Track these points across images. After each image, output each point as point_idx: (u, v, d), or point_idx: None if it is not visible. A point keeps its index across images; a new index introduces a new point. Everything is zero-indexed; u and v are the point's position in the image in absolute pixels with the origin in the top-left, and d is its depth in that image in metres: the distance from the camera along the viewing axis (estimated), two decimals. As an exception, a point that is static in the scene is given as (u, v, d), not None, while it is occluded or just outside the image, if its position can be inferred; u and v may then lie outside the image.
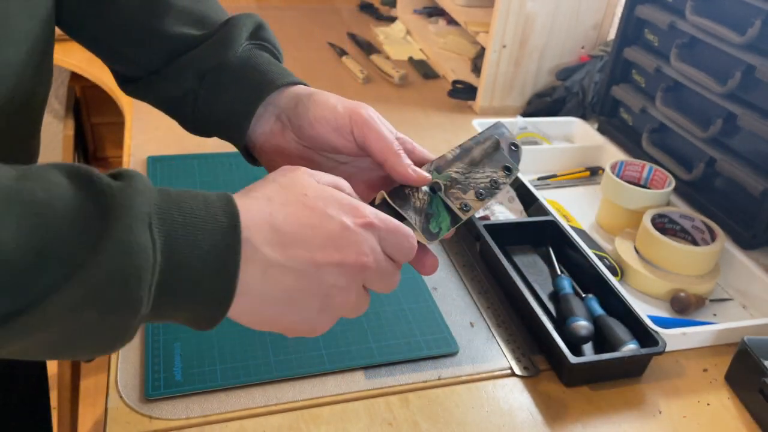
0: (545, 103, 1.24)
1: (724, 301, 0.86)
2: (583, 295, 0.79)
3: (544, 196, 0.95)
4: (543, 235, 0.88)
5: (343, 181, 0.46)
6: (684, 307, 0.81)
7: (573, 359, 0.67)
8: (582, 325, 0.72)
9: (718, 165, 0.94)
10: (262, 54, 0.56)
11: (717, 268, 0.86)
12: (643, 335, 0.71)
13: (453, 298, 0.79)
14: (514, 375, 0.70)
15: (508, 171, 0.52)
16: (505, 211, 0.93)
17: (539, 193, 0.94)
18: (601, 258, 0.86)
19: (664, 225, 0.91)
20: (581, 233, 0.94)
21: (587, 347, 0.73)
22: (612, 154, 1.10)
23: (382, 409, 0.65)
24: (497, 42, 1.19)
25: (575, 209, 1.00)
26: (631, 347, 0.70)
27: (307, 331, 0.44)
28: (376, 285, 0.45)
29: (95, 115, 2.19)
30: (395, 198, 0.49)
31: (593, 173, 1.11)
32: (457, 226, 0.50)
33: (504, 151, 0.53)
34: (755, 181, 0.87)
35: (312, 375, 0.66)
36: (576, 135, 1.20)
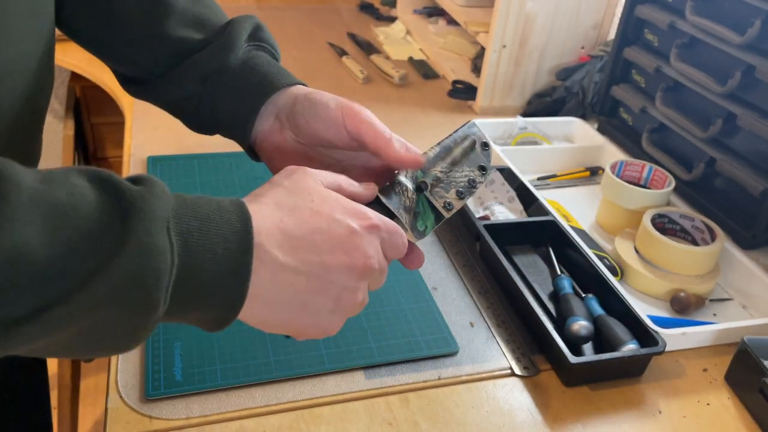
0: (545, 103, 1.24)
1: (723, 301, 0.86)
2: (583, 295, 0.79)
3: (544, 196, 0.95)
4: (543, 235, 0.88)
5: (342, 178, 0.48)
6: (684, 307, 0.81)
7: (573, 359, 0.67)
8: (582, 325, 0.72)
9: (718, 165, 0.94)
10: (261, 55, 0.58)
11: (717, 268, 0.86)
12: (643, 335, 0.71)
13: (453, 298, 0.79)
14: (514, 375, 0.70)
15: (483, 170, 0.54)
16: (505, 211, 0.93)
17: (539, 193, 0.94)
18: (601, 258, 0.86)
19: (664, 225, 0.91)
20: (581, 233, 0.94)
21: (587, 347, 0.73)
22: (612, 154, 1.10)
23: (382, 409, 0.65)
24: (497, 42, 1.19)
25: (575, 209, 1.00)
26: (631, 347, 0.70)
27: (319, 334, 0.45)
28: (373, 284, 0.47)
29: (95, 115, 2.19)
30: (386, 197, 0.50)
31: (593, 173, 1.11)
32: (440, 223, 0.52)
33: (478, 151, 0.55)
34: (755, 181, 0.88)
35: (312, 375, 0.66)
36: (576, 135, 1.20)
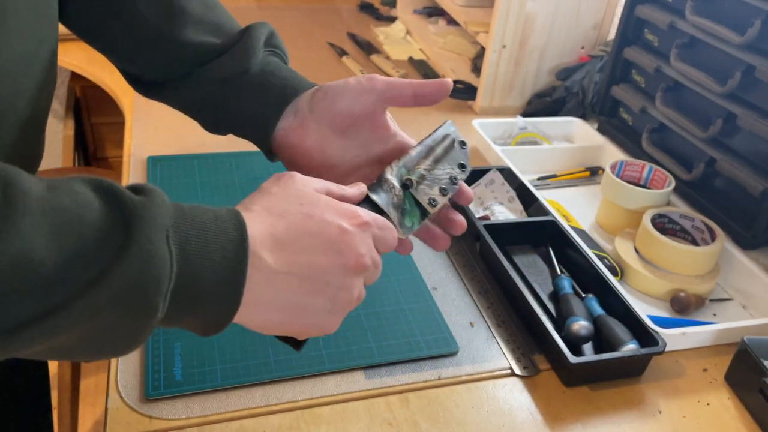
0: (545, 103, 1.24)
1: (723, 301, 0.86)
2: (583, 295, 0.79)
3: (544, 196, 0.95)
4: (543, 235, 0.88)
5: (332, 185, 0.49)
6: (684, 307, 0.81)
7: (573, 359, 0.67)
8: (582, 325, 0.72)
9: (718, 165, 0.94)
10: (276, 60, 0.60)
11: (717, 268, 0.86)
12: (643, 335, 0.71)
13: (453, 298, 0.80)
14: (514, 375, 0.70)
15: (463, 168, 0.56)
16: (505, 211, 0.93)
17: (539, 193, 0.94)
18: (601, 258, 0.86)
19: (664, 225, 0.91)
20: (581, 233, 0.94)
21: (587, 347, 0.73)
22: (612, 154, 1.10)
23: (382, 409, 0.65)
24: (497, 42, 1.19)
25: (575, 209, 1.00)
26: (630, 347, 0.70)
27: (318, 333, 0.47)
28: (368, 279, 0.48)
29: (95, 115, 2.19)
30: (376, 194, 0.52)
31: (593, 173, 1.11)
32: (425, 219, 0.54)
33: (456, 149, 0.57)
34: (755, 181, 0.88)
35: (312, 375, 0.67)
36: (576, 135, 1.20)
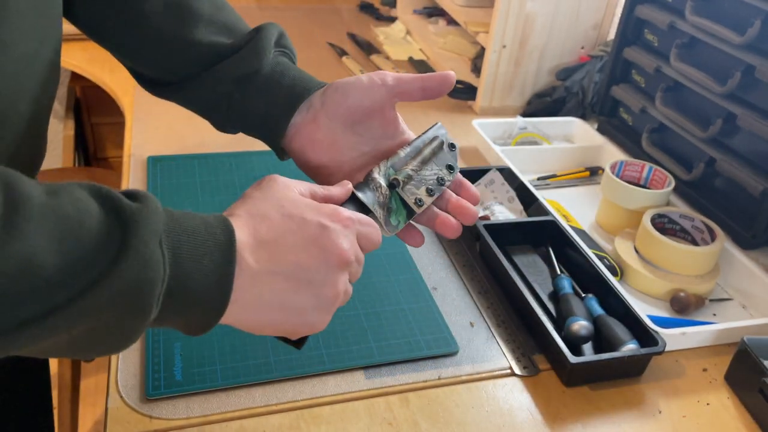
0: (545, 103, 1.24)
1: (723, 300, 0.86)
2: (583, 294, 0.79)
3: (543, 196, 0.95)
4: (543, 235, 0.88)
5: (316, 186, 0.51)
6: (684, 307, 0.81)
7: (573, 359, 0.67)
8: (582, 324, 0.72)
9: (717, 165, 0.94)
10: (286, 60, 0.61)
11: (717, 268, 0.86)
12: (643, 335, 0.71)
13: (453, 298, 0.80)
14: (514, 375, 0.70)
15: (451, 169, 0.57)
16: (505, 211, 0.93)
17: (539, 193, 0.94)
18: (600, 258, 0.86)
19: (664, 225, 0.91)
20: (581, 233, 0.94)
21: (587, 347, 0.73)
22: (612, 154, 1.10)
23: (382, 408, 0.65)
24: (497, 42, 1.19)
25: (575, 209, 1.00)
26: (630, 347, 0.70)
27: (307, 330, 0.48)
28: (351, 275, 0.49)
29: (95, 115, 2.19)
30: (362, 193, 0.53)
31: (593, 173, 1.11)
32: (411, 218, 0.55)
33: (445, 151, 0.58)
34: (755, 181, 0.88)
35: (312, 375, 0.67)
36: (576, 135, 1.20)
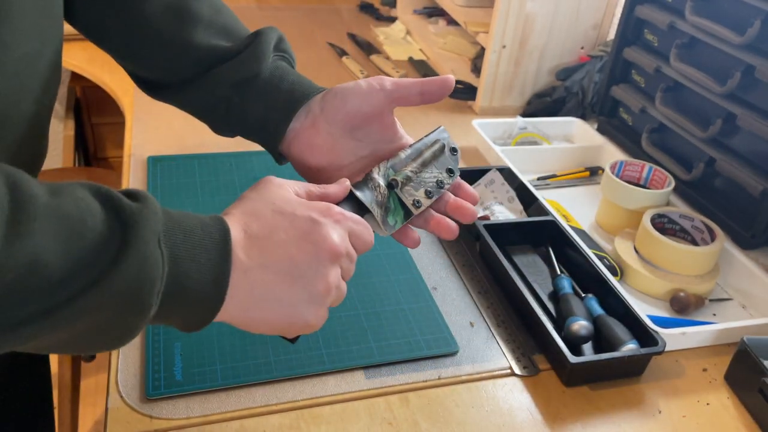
0: (545, 103, 1.24)
1: (723, 300, 0.86)
2: (583, 294, 0.79)
3: (543, 196, 0.95)
4: (543, 235, 0.88)
5: (312, 185, 0.51)
6: (683, 307, 0.81)
7: (573, 359, 0.67)
8: (582, 324, 0.72)
9: (717, 165, 0.94)
10: (285, 65, 0.62)
11: (716, 268, 0.86)
12: (643, 335, 0.71)
13: (453, 298, 0.80)
14: (513, 375, 0.70)
15: (451, 173, 0.58)
16: (505, 211, 0.93)
17: (539, 193, 0.94)
18: (600, 258, 0.86)
19: (664, 225, 0.91)
20: (581, 233, 0.94)
21: (587, 347, 0.73)
22: (612, 154, 1.10)
23: (382, 408, 0.65)
24: (497, 42, 1.19)
25: (575, 209, 1.00)
26: (630, 347, 0.70)
27: (302, 326, 0.48)
28: (343, 272, 0.49)
29: (95, 115, 2.19)
30: (360, 192, 0.53)
31: (593, 173, 1.11)
32: (409, 220, 0.55)
33: (447, 154, 0.58)
34: (755, 181, 0.88)
35: (312, 375, 0.67)
36: (576, 135, 1.20)
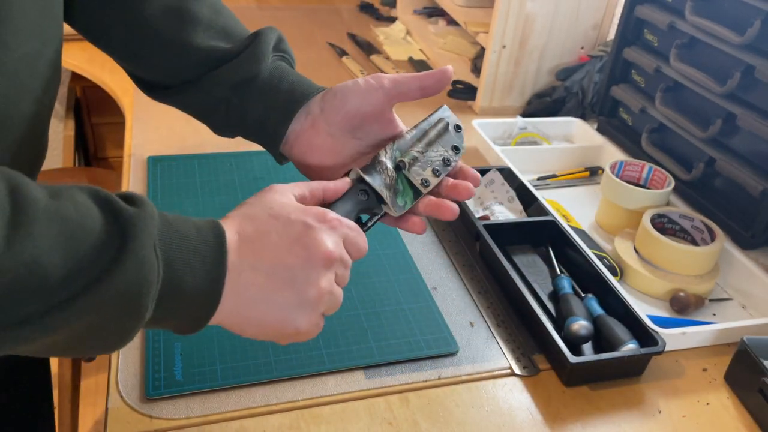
0: (545, 103, 1.24)
1: (723, 300, 0.86)
2: (583, 294, 0.79)
3: (543, 196, 0.95)
4: (543, 235, 0.88)
5: (313, 183, 0.52)
6: (683, 307, 0.81)
7: (573, 359, 0.67)
8: (582, 324, 0.72)
9: (717, 165, 0.94)
10: (284, 65, 0.62)
11: (716, 268, 0.86)
12: (643, 335, 0.71)
13: (453, 298, 0.80)
14: (513, 375, 0.70)
15: (457, 150, 0.59)
16: (505, 211, 0.93)
17: (539, 193, 0.94)
18: (600, 258, 0.86)
19: (664, 225, 0.91)
20: (581, 233, 0.94)
21: (587, 347, 0.73)
22: (611, 154, 1.10)
23: (382, 408, 0.65)
24: (497, 42, 1.20)
25: (575, 209, 1.00)
26: (630, 347, 0.70)
27: (294, 332, 0.48)
28: (338, 278, 0.49)
29: (95, 115, 2.19)
30: (369, 176, 0.54)
31: (593, 173, 1.11)
32: (419, 199, 0.56)
33: (451, 132, 0.59)
34: (755, 181, 0.88)
35: (312, 375, 0.67)
36: (576, 135, 1.20)
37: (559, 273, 0.83)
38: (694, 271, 0.84)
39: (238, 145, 1.03)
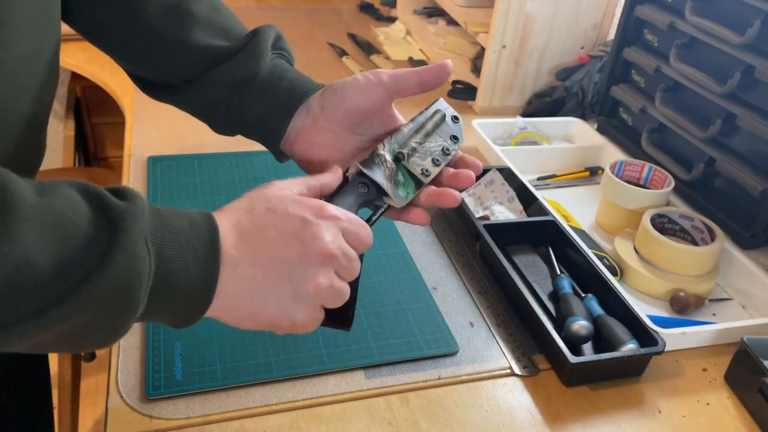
0: (545, 103, 1.24)
1: (723, 300, 0.86)
2: (583, 294, 0.79)
3: (543, 196, 0.95)
4: (543, 235, 0.88)
5: (310, 178, 0.51)
6: (683, 307, 0.81)
7: (573, 359, 0.67)
8: (582, 324, 0.72)
9: (717, 165, 0.94)
10: (283, 63, 0.62)
11: (716, 268, 0.86)
12: (643, 335, 0.71)
13: (453, 298, 0.80)
14: (513, 375, 0.70)
15: (455, 139, 0.60)
16: (505, 211, 0.93)
17: (539, 193, 0.94)
18: (600, 258, 0.86)
19: (664, 225, 0.91)
20: (581, 233, 0.94)
21: (587, 347, 0.73)
22: (611, 154, 1.10)
23: (382, 408, 0.65)
24: (497, 42, 1.20)
25: (575, 209, 1.00)
26: (630, 347, 0.70)
27: (290, 325, 0.48)
28: (343, 272, 0.49)
29: (95, 115, 2.19)
30: (368, 169, 0.54)
31: (593, 173, 1.11)
32: (421, 189, 0.56)
33: (449, 123, 0.60)
34: (755, 181, 0.88)
35: (312, 375, 0.67)
36: (576, 135, 1.20)
37: (559, 273, 0.83)
38: (694, 271, 0.84)
39: (238, 145, 1.03)
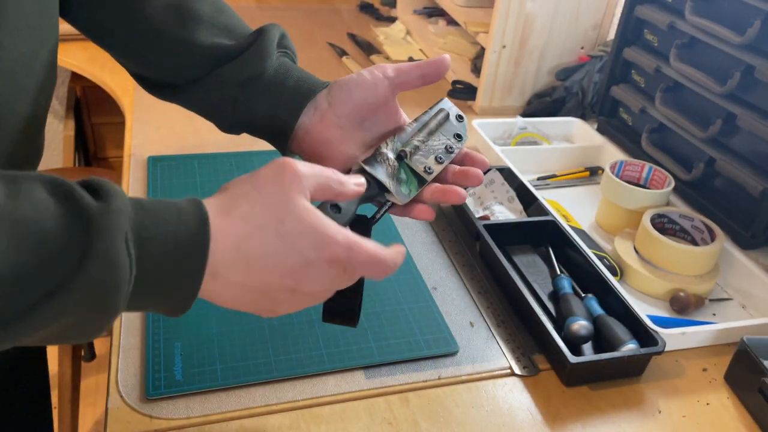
0: (545, 103, 1.24)
1: (723, 300, 0.86)
2: (583, 294, 0.79)
3: (543, 196, 0.95)
4: (543, 235, 0.88)
5: (330, 176, 0.47)
6: (683, 307, 0.81)
7: (573, 359, 0.67)
8: (582, 324, 0.72)
9: (717, 165, 0.94)
10: (288, 61, 0.62)
11: (716, 268, 0.86)
12: (643, 335, 0.71)
13: (453, 298, 0.80)
14: (513, 374, 0.70)
15: (459, 138, 0.60)
16: (505, 211, 0.93)
17: (539, 193, 0.94)
18: (600, 258, 0.86)
19: (664, 225, 0.91)
20: (581, 233, 0.94)
21: (587, 347, 0.73)
22: (611, 154, 1.10)
23: (382, 408, 0.65)
24: (497, 42, 1.20)
25: (575, 209, 1.00)
26: (630, 347, 0.70)
27: (271, 315, 0.48)
28: (335, 285, 0.48)
29: (95, 115, 2.19)
30: (371, 167, 0.55)
31: (593, 173, 1.11)
32: (424, 187, 0.57)
33: (453, 122, 0.61)
34: (755, 181, 0.88)
35: (312, 375, 0.67)
36: (575, 135, 1.20)
37: (559, 273, 0.83)
38: (694, 271, 0.84)
39: (239, 145, 1.03)
